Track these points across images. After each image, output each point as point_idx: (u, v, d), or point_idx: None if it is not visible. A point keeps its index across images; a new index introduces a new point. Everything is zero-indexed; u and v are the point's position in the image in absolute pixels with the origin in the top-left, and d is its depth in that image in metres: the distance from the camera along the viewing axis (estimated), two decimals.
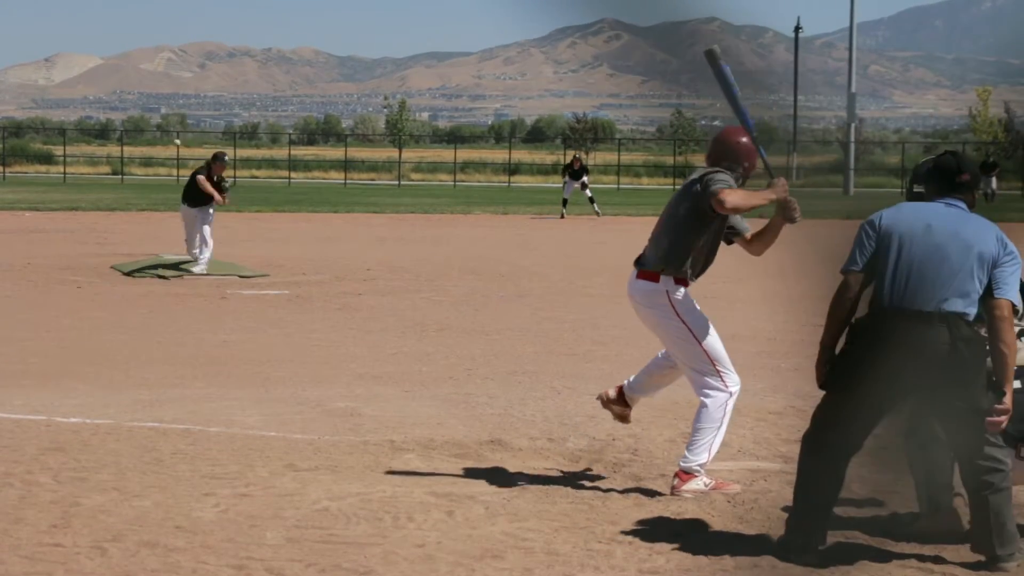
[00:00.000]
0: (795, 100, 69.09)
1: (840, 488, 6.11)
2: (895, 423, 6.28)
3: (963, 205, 6.12)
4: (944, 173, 6.16)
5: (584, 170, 39.59)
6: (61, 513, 6.60)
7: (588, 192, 38.83)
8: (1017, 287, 6.00)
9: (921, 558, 6.08)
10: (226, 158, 21.47)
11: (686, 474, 7.16)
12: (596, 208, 38.81)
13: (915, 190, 6.36)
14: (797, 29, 68.85)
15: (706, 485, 7.15)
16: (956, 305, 5.89)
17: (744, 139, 7.38)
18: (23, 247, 23.77)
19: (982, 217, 6.13)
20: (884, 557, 6.08)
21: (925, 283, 5.90)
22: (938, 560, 6.02)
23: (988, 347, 5.92)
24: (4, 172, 62.10)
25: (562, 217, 37.64)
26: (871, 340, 5.94)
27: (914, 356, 5.85)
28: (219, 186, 20.53)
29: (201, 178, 20.26)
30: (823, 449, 6.06)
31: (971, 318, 5.90)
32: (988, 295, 5.92)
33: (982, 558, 5.94)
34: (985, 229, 6.02)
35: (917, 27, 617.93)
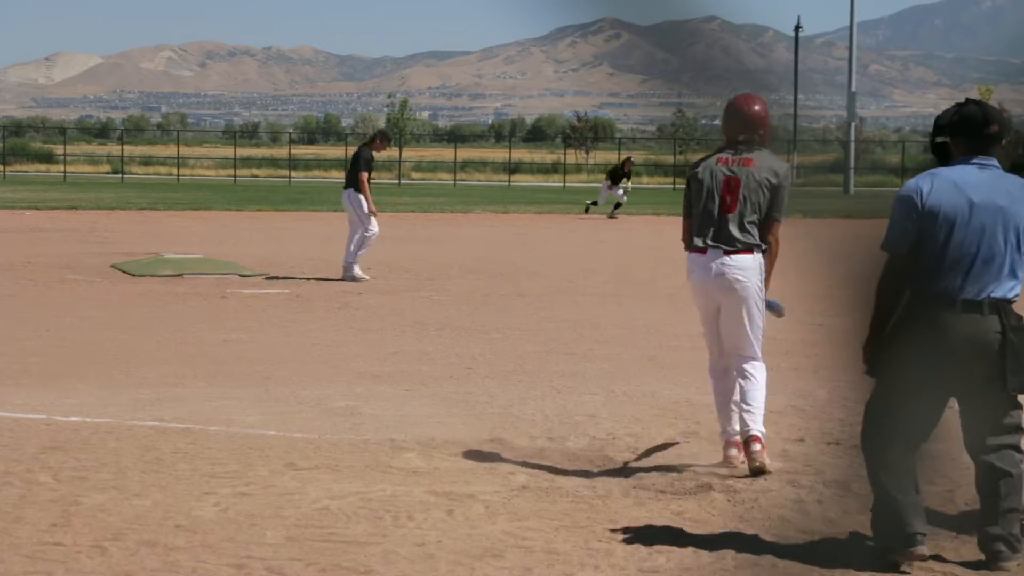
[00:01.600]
0: (795, 99, 69.07)
1: (914, 476, 5.86)
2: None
3: (996, 163, 5.83)
4: (970, 124, 5.83)
5: (629, 175, 39.10)
6: (61, 512, 6.60)
7: (623, 196, 38.37)
8: None
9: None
10: (390, 136, 20.06)
11: (760, 441, 7.44)
12: (616, 211, 38.11)
13: (938, 140, 5.98)
14: (797, 28, 68.81)
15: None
16: (1003, 290, 5.72)
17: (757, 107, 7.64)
18: (23, 246, 23.76)
19: (1017, 177, 5.89)
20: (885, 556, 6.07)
21: (972, 268, 5.71)
22: (938, 559, 6.02)
23: None
24: (4, 171, 62.11)
25: (612, 216, 37.12)
26: (916, 328, 5.75)
27: (963, 346, 5.69)
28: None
29: (363, 176, 18.75)
30: (889, 441, 5.83)
31: (1016, 299, 5.73)
32: None
33: (982, 556, 5.93)
34: (1021, 194, 5.82)
35: (917, 26, 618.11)
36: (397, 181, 67.41)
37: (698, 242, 7.61)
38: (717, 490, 7.17)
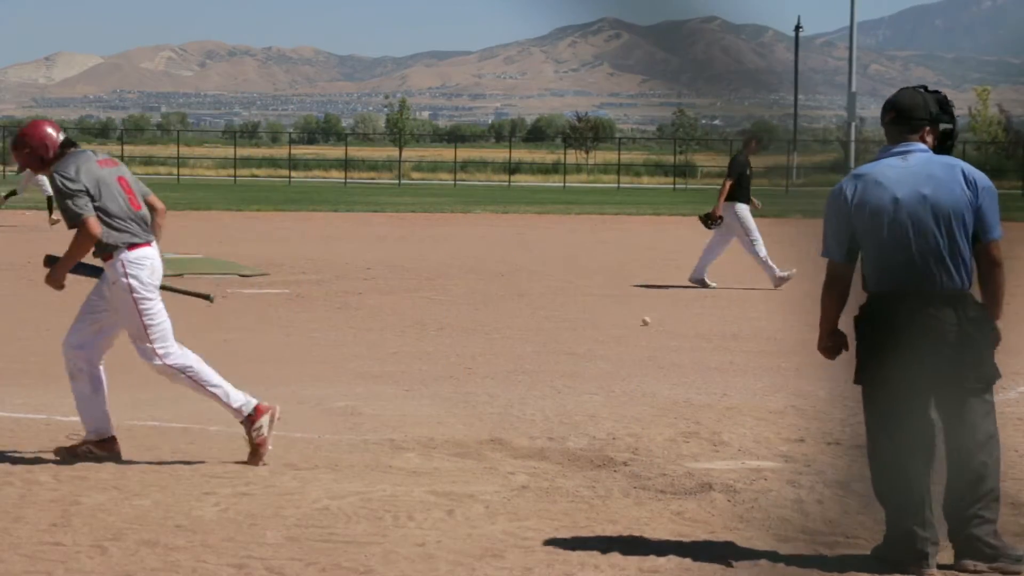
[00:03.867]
0: (795, 99, 69.10)
1: (926, 488, 5.73)
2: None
3: (921, 147, 5.74)
4: (892, 110, 5.81)
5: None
6: (61, 512, 6.60)
7: None
8: (998, 220, 5.70)
9: None
10: (763, 137, 18.96)
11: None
12: None
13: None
14: (797, 28, 68.87)
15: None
16: (956, 281, 5.65)
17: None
18: (23, 246, 23.75)
19: (946, 158, 5.74)
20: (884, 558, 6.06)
21: (914, 263, 5.64)
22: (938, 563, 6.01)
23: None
24: (4, 171, 62.08)
25: None
26: (879, 328, 5.70)
27: (922, 342, 5.62)
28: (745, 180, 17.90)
29: (726, 182, 17.83)
30: (893, 451, 5.74)
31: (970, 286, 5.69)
32: (976, 241, 5.66)
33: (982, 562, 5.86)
34: (949, 179, 5.67)
35: (917, 26, 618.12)
36: (397, 181, 67.41)
37: (148, 236, 7.89)
38: (717, 490, 7.17)
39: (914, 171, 5.70)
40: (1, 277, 18.47)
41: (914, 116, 5.78)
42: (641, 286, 18.80)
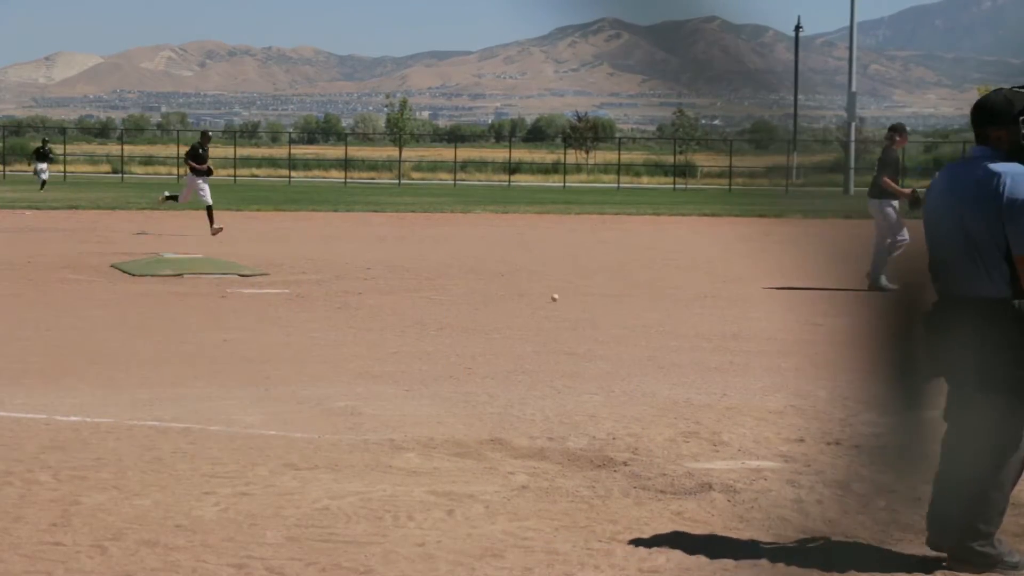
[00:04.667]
0: (795, 99, 69.00)
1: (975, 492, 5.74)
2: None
3: (987, 153, 5.64)
4: (973, 114, 5.82)
5: None
6: (61, 512, 6.60)
7: None
8: None
9: (924, 559, 6.07)
10: (903, 127, 19.07)
11: None
12: None
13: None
14: (797, 28, 68.82)
15: None
16: (988, 288, 5.56)
17: None
18: (23, 245, 23.76)
19: (1000, 166, 5.58)
20: (886, 558, 6.07)
21: (953, 266, 5.63)
22: (939, 564, 6.01)
23: None
24: (4, 171, 62.09)
25: None
26: (925, 323, 5.77)
27: (946, 344, 5.63)
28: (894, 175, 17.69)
29: (886, 181, 17.60)
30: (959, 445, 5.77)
31: (1008, 298, 5.54)
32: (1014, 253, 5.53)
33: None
34: (984, 186, 5.57)
35: (917, 26, 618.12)
36: (397, 181, 67.43)
37: None
38: (717, 490, 7.17)
39: (966, 176, 5.67)
40: (1, 277, 18.47)
41: (980, 118, 5.71)
42: (780, 288, 18.80)
